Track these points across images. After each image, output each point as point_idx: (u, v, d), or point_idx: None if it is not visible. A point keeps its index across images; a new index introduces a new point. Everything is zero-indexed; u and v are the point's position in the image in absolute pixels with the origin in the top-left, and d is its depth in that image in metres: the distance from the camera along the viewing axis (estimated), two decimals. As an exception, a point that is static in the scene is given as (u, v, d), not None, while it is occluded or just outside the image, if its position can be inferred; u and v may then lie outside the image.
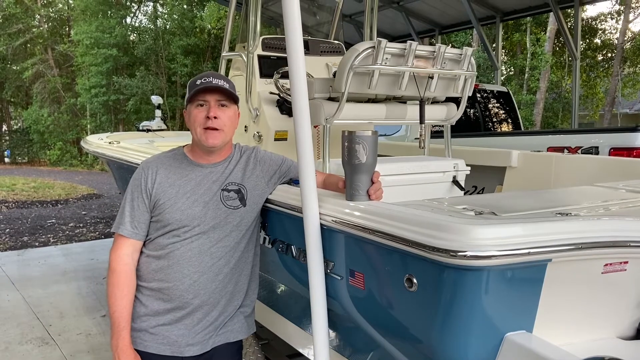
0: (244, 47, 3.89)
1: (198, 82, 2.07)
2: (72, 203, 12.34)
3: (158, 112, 6.94)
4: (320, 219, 1.94)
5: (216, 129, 2.06)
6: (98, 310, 5.10)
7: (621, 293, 1.76)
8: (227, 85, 2.08)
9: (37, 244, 8.08)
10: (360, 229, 1.77)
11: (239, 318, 2.22)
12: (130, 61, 24.39)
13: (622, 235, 1.61)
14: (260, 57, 3.91)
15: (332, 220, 1.90)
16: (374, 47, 2.60)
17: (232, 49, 4.15)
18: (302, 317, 2.41)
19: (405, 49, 2.68)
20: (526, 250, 1.48)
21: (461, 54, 2.94)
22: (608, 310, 1.77)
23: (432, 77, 2.87)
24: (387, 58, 2.66)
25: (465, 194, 3.13)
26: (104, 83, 23.23)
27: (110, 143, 4.77)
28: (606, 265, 1.67)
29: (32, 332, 4.59)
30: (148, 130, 6.35)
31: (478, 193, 4.03)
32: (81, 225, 9.60)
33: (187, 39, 23.14)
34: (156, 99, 7.44)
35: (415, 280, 1.61)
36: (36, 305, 5.22)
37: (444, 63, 2.86)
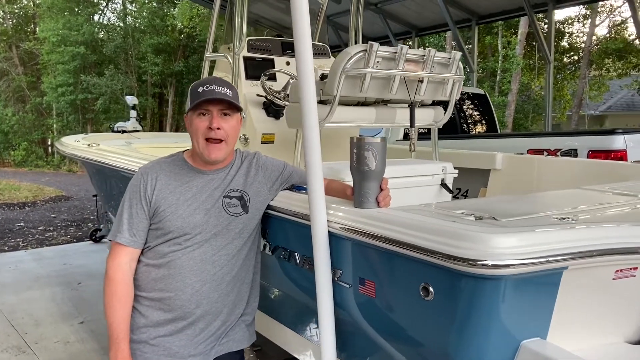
0: (228, 48, 3.82)
1: (200, 89, 1.99)
2: (40, 205, 11.98)
3: (133, 113, 6.79)
4: (327, 226, 1.90)
5: (219, 141, 2.01)
6: (75, 317, 4.95)
7: (630, 298, 1.78)
8: (230, 94, 2.02)
9: (6, 248, 7.81)
10: (372, 237, 1.74)
11: (240, 327, 2.17)
12: (98, 59, 23.83)
13: (633, 241, 1.62)
14: (245, 58, 3.85)
15: (340, 228, 1.87)
16: (365, 50, 2.59)
17: (214, 50, 4.08)
18: (304, 325, 2.36)
19: (396, 52, 2.68)
20: (544, 259, 1.47)
21: (449, 58, 2.95)
22: (617, 316, 1.79)
23: (421, 81, 2.88)
24: (378, 62, 2.65)
25: (452, 197, 3.14)
26: (72, 82, 22.60)
27: (89, 145, 4.63)
28: (617, 271, 1.68)
29: (7, 340, 4.43)
30: (123, 132, 6.20)
31: (463, 195, 4.04)
32: (51, 228, 9.34)
33: (157, 38, 22.74)
34: (131, 100, 7.28)
35: (431, 289, 1.59)
36: (10, 313, 5.03)
37: (433, 67, 2.88)
